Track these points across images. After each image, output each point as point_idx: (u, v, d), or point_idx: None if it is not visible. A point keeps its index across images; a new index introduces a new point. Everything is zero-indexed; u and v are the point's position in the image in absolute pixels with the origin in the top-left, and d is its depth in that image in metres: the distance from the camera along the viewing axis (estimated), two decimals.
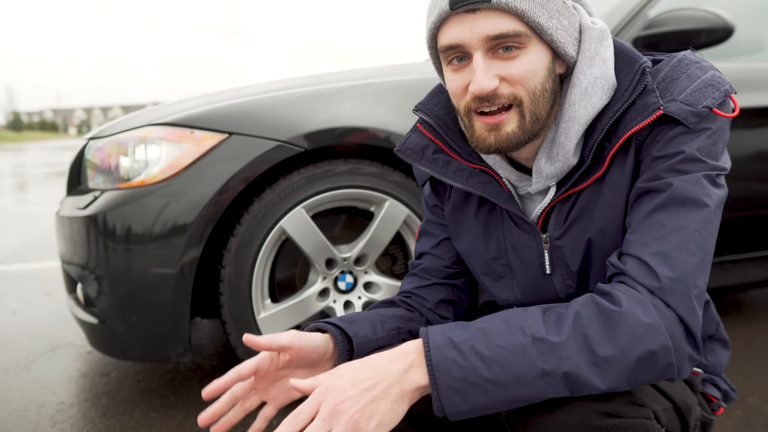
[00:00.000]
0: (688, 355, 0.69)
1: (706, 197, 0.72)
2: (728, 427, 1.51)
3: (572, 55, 0.78)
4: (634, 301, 0.67)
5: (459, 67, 0.78)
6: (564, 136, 0.79)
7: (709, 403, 0.94)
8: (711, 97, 0.73)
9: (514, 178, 0.87)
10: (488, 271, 0.95)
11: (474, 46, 0.74)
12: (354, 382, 0.67)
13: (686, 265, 0.69)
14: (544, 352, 0.66)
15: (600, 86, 0.77)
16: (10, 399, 1.78)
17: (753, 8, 2.22)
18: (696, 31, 1.66)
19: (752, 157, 1.91)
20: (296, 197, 1.58)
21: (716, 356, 0.96)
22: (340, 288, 1.71)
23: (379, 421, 0.66)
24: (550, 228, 0.85)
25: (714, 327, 0.96)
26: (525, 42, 0.74)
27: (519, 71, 0.74)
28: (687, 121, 0.73)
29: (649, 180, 0.75)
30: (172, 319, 1.52)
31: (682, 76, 0.76)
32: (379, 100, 1.65)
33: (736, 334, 2.14)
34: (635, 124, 0.75)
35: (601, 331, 0.66)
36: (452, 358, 0.67)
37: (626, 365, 0.66)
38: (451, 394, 0.66)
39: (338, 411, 0.65)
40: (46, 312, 2.67)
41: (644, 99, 0.75)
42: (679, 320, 0.68)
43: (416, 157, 0.92)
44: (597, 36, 0.79)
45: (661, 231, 0.71)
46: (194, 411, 1.68)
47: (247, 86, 1.82)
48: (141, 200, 1.49)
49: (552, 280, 0.89)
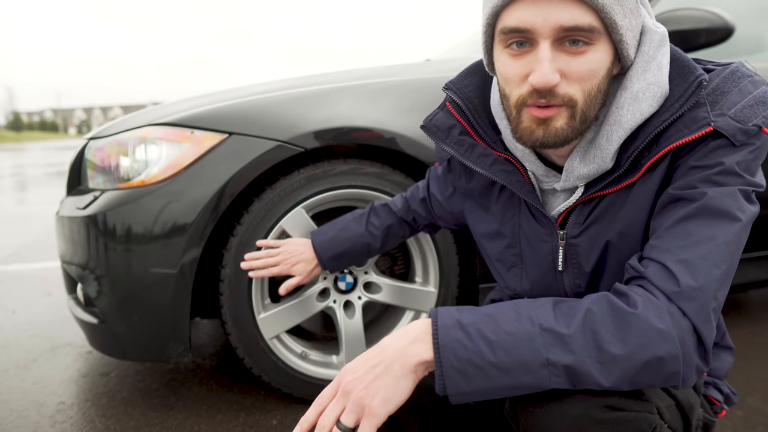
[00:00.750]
0: (696, 366, 0.68)
1: (739, 212, 0.70)
2: (729, 426, 1.51)
3: (632, 58, 0.75)
4: (650, 306, 0.67)
5: (519, 53, 0.72)
6: (605, 139, 0.76)
7: (711, 406, 0.94)
8: (762, 116, 0.71)
9: (540, 173, 0.84)
10: (501, 258, 0.95)
11: (543, 34, 0.69)
12: (362, 361, 0.71)
13: (709, 277, 0.68)
14: (550, 342, 0.66)
15: (652, 93, 0.74)
16: (10, 399, 1.78)
17: (753, 8, 2.22)
18: (696, 31, 1.66)
19: None
20: (296, 197, 1.58)
21: (720, 361, 0.95)
22: (340, 288, 1.71)
23: (383, 397, 0.68)
24: (569, 226, 0.84)
25: (720, 336, 0.95)
26: (595, 39, 0.70)
27: (582, 70, 0.70)
28: (735, 138, 0.70)
29: (682, 188, 0.72)
30: (172, 319, 1.52)
31: (733, 90, 0.73)
32: (379, 100, 1.65)
33: (736, 334, 2.14)
34: (681, 136, 0.72)
35: (612, 330, 0.66)
36: (459, 339, 0.67)
37: (632, 367, 0.65)
38: (454, 374, 0.67)
39: (347, 390, 0.69)
40: (46, 312, 2.67)
41: (694, 112, 0.72)
42: (693, 330, 0.67)
43: (441, 136, 0.90)
44: (657, 41, 0.76)
45: (688, 240, 0.69)
46: (194, 411, 1.68)
47: (247, 86, 1.82)
48: (141, 200, 1.49)
49: (562, 277, 0.88)
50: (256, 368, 1.62)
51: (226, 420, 1.62)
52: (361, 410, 0.68)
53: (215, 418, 1.64)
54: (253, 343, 1.60)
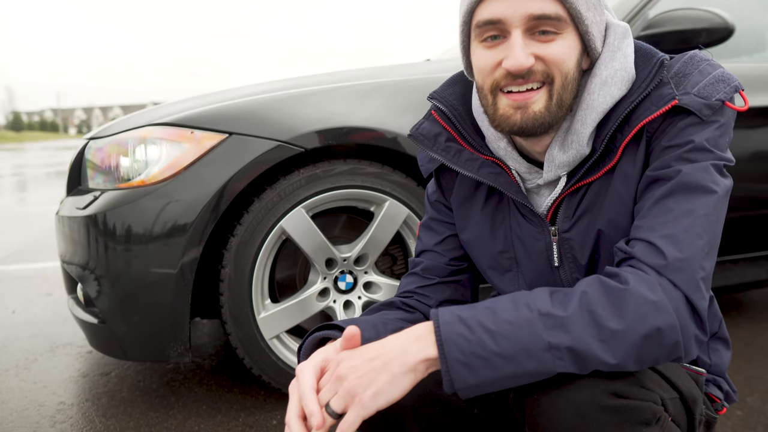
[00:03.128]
0: (695, 335, 0.70)
1: (714, 184, 0.74)
2: (728, 426, 1.51)
3: (598, 50, 0.81)
4: (641, 280, 0.69)
5: (493, 45, 0.78)
6: (580, 123, 0.80)
7: (712, 404, 0.94)
8: (723, 91, 0.76)
9: (523, 170, 0.87)
10: (494, 265, 0.95)
11: (514, 23, 0.75)
12: (362, 352, 0.71)
13: (693, 247, 0.71)
14: (550, 326, 0.67)
15: (620, 77, 0.79)
16: (10, 399, 1.78)
17: (753, 8, 2.22)
18: (696, 31, 1.66)
19: (752, 157, 1.91)
20: (296, 197, 1.58)
21: (719, 356, 0.96)
22: (340, 288, 1.71)
23: (375, 391, 0.68)
24: (559, 220, 0.86)
25: (717, 324, 0.96)
26: (563, 28, 0.76)
27: (554, 53, 0.76)
28: (701, 113, 0.75)
29: (658, 168, 0.77)
30: (172, 319, 1.52)
31: (694, 72, 0.78)
32: (380, 100, 1.64)
33: (737, 334, 2.14)
34: (649, 114, 0.77)
35: (607, 308, 0.67)
36: (461, 332, 0.68)
37: (633, 341, 0.66)
38: (459, 368, 0.67)
39: (341, 377, 0.69)
40: (46, 312, 2.67)
41: (659, 90, 0.78)
42: (685, 300, 0.69)
43: (428, 143, 0.92)
44: (621, 33, 0.82)
45: (669, 216, 0.73)
46: (194, 411, 1.68)
47: (247, 86, 1.82)
48: (141, 200, 1.49)
49: (559, 273, 0.89)
50: (256, 368, 1.62)
51: (226, 420, 1.62)
52: (351, 398, 0.68)
53: (215, 418, 1.64)
54: (253, 343, 1.60)
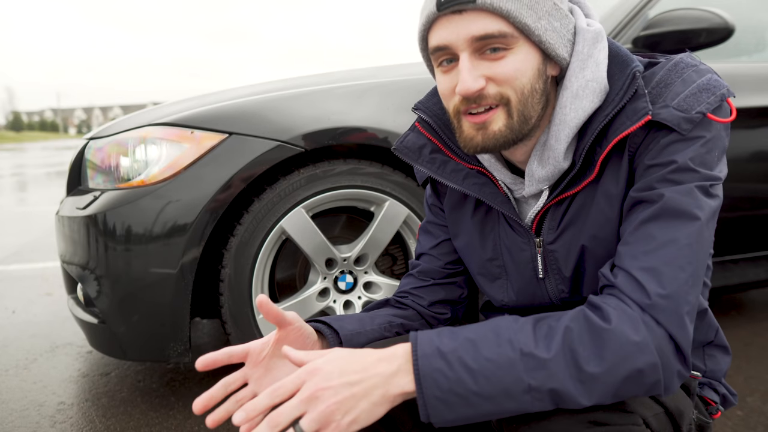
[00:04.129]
0: (677, 371, 0.68)
1: (698, 210, 0.70)
2: (728, 427, 1.51)
3: (564, 57, 0.78)
4: (625, 317, 0.67)
5: (448, 69, 0.78)
6: (555, 139, 0.78)
7: (707, 407, 0.93)
8: (705, 102, 0.72)
9: (508, 181, 0.86)
10: (484, 272, 0.95)
11: (460, 47, 0.74)
12: (340, 372, 0.66)
13: (676, 282, 0.68)
14: (531, 367, 0.65)
15: (591, 89, 0.76)
16: (10, 399, 1.78)
17: (753, 8, 2.22)
18: (696, 31, 1.66)
19: (752, 157, 1.91)
20: (296, 197, 1.58)
21: (715, 362, 0.95)
22: (340, 288, 1.71)
23: (354, 418, 0.65)
24: (544, 232, 0.85)
25: (713, 334, 0.95)
26: (512, 43, 0.73)
27: (505, 71, 0.74)
28: (680, 128, 0.72)
29: (641, 190, 0.74)
30: (172, 319, 1.52)
31: (676, 81, 0.74)
32: (380, 100, 1.65)
33: (736, 335, 2.14)
34: (624, 128, 0.74)
35: (590, 348, 0.66)
36: (439, 368, 0.66)
37: (612, 383, 0.65)
38: (437, 404, 0.66)
39: (317, 397, 0.64)
40: (46, 312, 2.67)
41: (634, 104, 0.74)
42: (669, 337, 0.67)
43: (413, 156, 0.92)
44: (591, 38, 0.78)
45: (651, 244, 0.70)
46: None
47: (247, 86, 1.82)
48: (141, 200, 1.49)
49: (545, 284, 0.88)
50: None
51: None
52: (326, 423, 0.64)
53: None
54: None
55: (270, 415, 0.64)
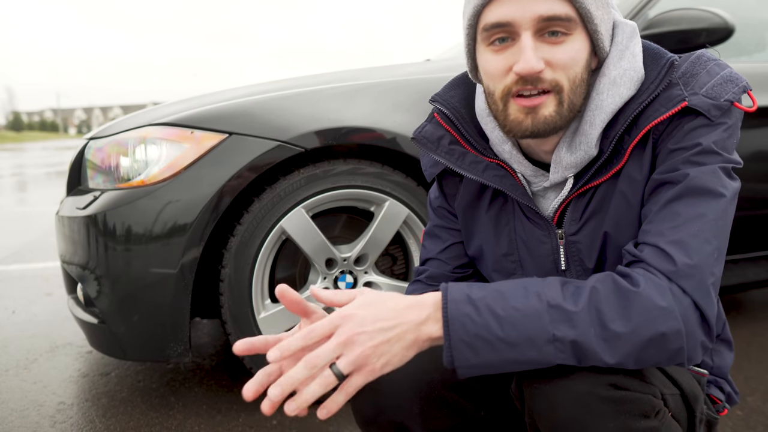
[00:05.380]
0: (701, 341, 0.70)
1: (722, 188, 0.73)
2: (729, 426, 1.51)
3: (606, 50, 0.80)
4: (652, 284, 0.68)
5: (501, 48, 0.77)
6: (589, 124, 0.79)
7: (713, 405, 0.94)
8: (731, 92, 0.75)
9: (529, 173, 0.86)
10: (499, 268, 0.95)
11: (524, 25, 0.73)
12: (374, 318, 0.68)
13: (702, 253, 0.70)
14: (557, 319, 0.67)
15: (629, 77, 0.78)
16: (10, 399, 1.78)
17: (753, 8, 2.22)
18: (696, 31, 1.66)
19: (752, 157, 1.91)
20: (296, 197, 1.58)
21: (722, 358, 0.96)
22: (340, 288, 1.71)
23: (387, 361, 0.68)
24: (566, 224, 0.85)
25: (721, 326, 0.96)
26: (572, 29, 0.74)
27: (564, 57, 0.75)
28: (710, 114, 0.74)
29: (665, 172, 0.76)
30: (172, 319, 1.52)
31: (701, 72, 0.77)
32: (380, 100, 1.65)
33: (736, 334, 2.14)
34: (658, 115, 0.76)
35: (615, 308, 0.67)
36: (467, 313, 0.68)
37: (636, 344, 0.66)
38: (462, 347, 0.68)
39: (353, 341, 0.67)
40: (46, 312, 2.67)
41: (668, 92, 0.76)
42: (694, 306, 0.69)
43: (432, 146, 0.92)
44: (629, 32, 0.80)
45: (678, 220, 0.72)
46: (194, 411, 1.68)
47: (247, 86, 1.82)
48: (141, 200, 1.49)
49: (566, 276, 0.88)
50: (256, 368, 1.62)
51: (226, 420, 1.62)
52: (362, 365, 0.67)
53: (215, 418, 1.64)
54: None
55: (307, 356, 0.66)
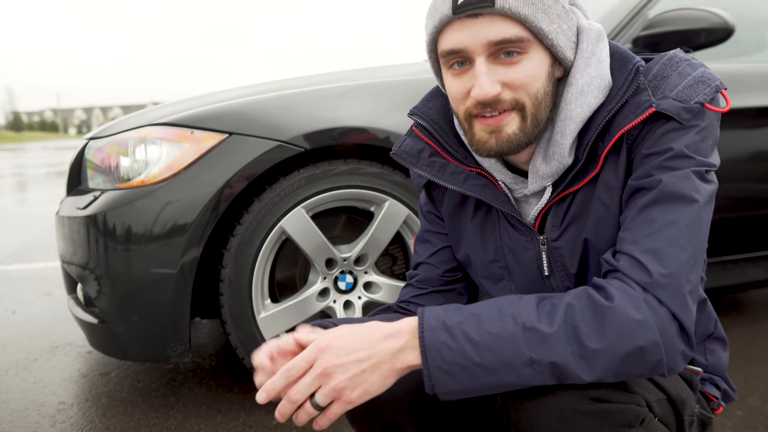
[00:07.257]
0: (681, 351, 0.69)
1: (696, 193, 0.72)
2: (728, 426, 1.51)
3: (570, 59, 0.79)
4: (626, 297, 0.68)
5: (460, 72, 0.78)
6: (560, 134, 0.79)
7: (708, 402, 0.94)
8: (702, 93, 0.74)
9: (509, 181, 0.87)
10: (487, 274, 0.95)
11: (476, 51, 0.74)
12: (349, 349, 0.70)
13: (677, 261, 0.70)
14: (533, 341, 0.67)
15: (596, 85, 0.78)
16: (10, 399, 1.78)
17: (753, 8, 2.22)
18: (696, 31, 1.66)
19: (752, 157, 1.91)
20: (296, 197, 1.58)
21: (716, 356, 0.96)
22: (340, 288, 1.71)
23: (364, 390, 0.70)
24: (547, 230, 0.86)
25: (712, 325, 0.96)
26: (526, 47, 0.74)
27: (521, 76, 0.75)
28: (680, 117, 0.74)
29: (639, 178, 0.76)
30: (172, 319, 1.52)
31: (672, 74, 0.77)
32: (380, 100, 1.65)
33: (736, 334, 2.14)
34: (628, 122, 0.75)
35: (591, 325, 0.67)
36: (443, 340, 0.69)
37: (614, 359, 0.67)
38: (440, 375, 0.69)
39: (328, 374, 0.69)
40: (46, 312, 2.67)
41: (637, 97, 0.76)
42: (671, 316, 0.68)
43: (412, 160, 0.92)
44: (594, 37, 0.80)
45: (652, 227, 0.72)
46: (194, 411, 1.68)
47: (247, 86, 1.83)
48: (141, 200, 1.49)
49: (550, 281, 0.89)
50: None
51: (226, 420, 1.62)
52: (338, 396, 0.70)
53: (215, 418, 1.64)
54: (253, 343, 1.60)
55: (288, 392, 0.70)
